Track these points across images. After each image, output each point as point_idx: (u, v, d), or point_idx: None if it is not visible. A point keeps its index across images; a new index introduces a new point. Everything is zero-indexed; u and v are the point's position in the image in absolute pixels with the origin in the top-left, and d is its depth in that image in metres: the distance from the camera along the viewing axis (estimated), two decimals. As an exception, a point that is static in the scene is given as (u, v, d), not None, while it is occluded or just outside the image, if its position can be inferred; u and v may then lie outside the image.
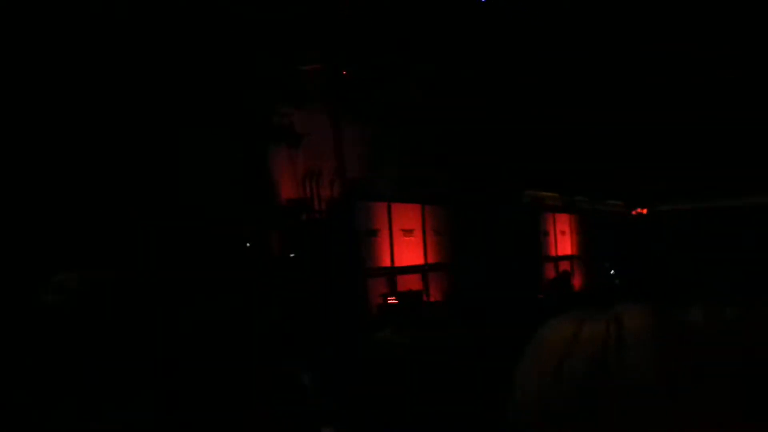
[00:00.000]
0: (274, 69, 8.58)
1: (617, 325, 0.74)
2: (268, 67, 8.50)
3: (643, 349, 0.72)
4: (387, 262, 8.95)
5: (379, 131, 10.01)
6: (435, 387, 2.01)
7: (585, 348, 0.74)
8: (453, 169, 10.46)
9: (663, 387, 0.70)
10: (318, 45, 8.96)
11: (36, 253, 5.17)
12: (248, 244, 7.59)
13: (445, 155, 10.42)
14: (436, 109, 10.55)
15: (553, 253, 12.60)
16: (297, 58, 8.88)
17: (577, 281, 12.46)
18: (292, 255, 7.85)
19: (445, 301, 9.33)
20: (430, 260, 9.73)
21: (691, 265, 12.82)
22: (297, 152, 8.81)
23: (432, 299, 9.13)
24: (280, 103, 8.70)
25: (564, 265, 12.69)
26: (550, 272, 12.18)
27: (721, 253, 12.77)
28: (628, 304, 0.77)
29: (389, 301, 8.32)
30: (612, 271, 13.41)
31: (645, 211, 16.52)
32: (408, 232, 9.32)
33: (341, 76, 9.50)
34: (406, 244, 9.27)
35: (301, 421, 2.35)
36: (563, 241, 13.00)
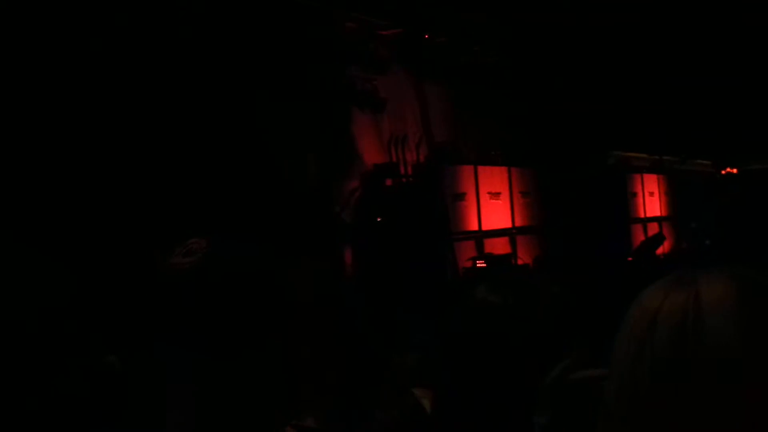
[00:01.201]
0: (354, 35, 8.57)
1: (696, 296, 0.74)
2: (349, 34, 8.49)
3: (719, 319, 0.72)
4: (474, 226, 8.88)
5: (462, 94, 9.93)
6: (530, 349, 1.94)
7: (667, 320, 0.75)
8: (538, 131, 10.33)
9: (740, 354, 0.69)
10: (397, 8, 8.91)
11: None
12: (337, 210, 7.61)
13: (531, 116, 10.29)
14: (519, 70, 10.42)
15: (641, 214, 12.34)
16: (377, 23, 8.85)
17: (666, 243, 12.19)
18: (378, 219, 7.83)
19: (534, 264, 9.22)
20: (518, 223, 9.63)
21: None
22: (381, 117, 8.80)
23: (520, 262, 9.03)
24: (363, 69, 8.70)
25: (653, 227, 12.43)
26: (639, 234, 11.94)
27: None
28: (709, 271, 0.77)
29: (478, 265, 8.26)
30: (701, 233, 13.11)
31: (735, 170, 16.12)
32: (495, 195, 9.23)
33: (422, 40, 9.43)
34: (493, 207, 9.18)
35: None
36: (652, 203, 12.72)
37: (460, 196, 8.71)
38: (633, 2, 9.83)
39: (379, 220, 7.79)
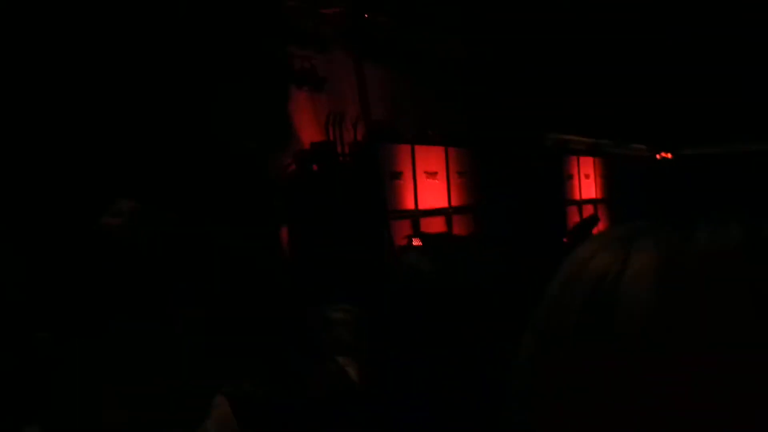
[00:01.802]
0: (294, 13, 8.54)
1: (624, 260, 0.70)
2: (288, 12, 8.46)
3: (634, 289, 0.68)
4: (411, 205, 8.94)
5: (401, 73, 9.97)
6: (460, 314, 1.94)
7: (588, 277, 0.71)
8: (476, 111, 10.40)
9: (643, 330, 0.66)
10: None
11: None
12: (274, 186, 7.61)
13: (469, 97, 10.36)
14: (459, 50, 10.48)
15: (577, 196, 12.54)
16: (317, 1, 8.83)
17: (601, 225, 12.39)
18: (315, 168, 7.86)
19: (469, 240, 9.31)
20: (454, 203, 9.71)
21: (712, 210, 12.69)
22: (319, 96, 8.80)
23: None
24: (301, 47, 8.67)
25: (588, 209, 12.64)
26: (574, 216, 12.13)
27: (747, 198, 12.67)
28: (648, 234, 0.72)
29: (413, 243, 8.30)
30: (636, 216, 13.33)
31: (670, 155, 16.40)
32: (431, 174, 9.30)
33: (363, 19, 9.43)
34: (429, 187, 9.25)
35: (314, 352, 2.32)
36: (587, 185, 12.92)
37: (397, 175, 8.76)
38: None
39: (315, 168, 7.80)
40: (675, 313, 0.66)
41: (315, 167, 8.03)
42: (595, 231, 11.56)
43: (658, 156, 16.46)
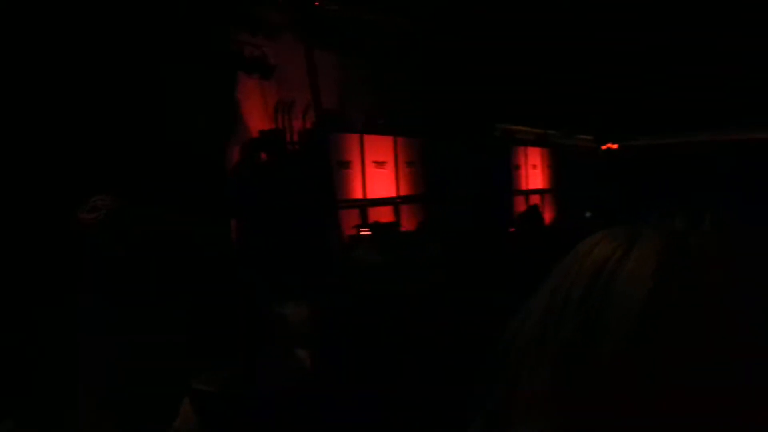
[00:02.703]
0: (244, 1, 8.48)
1: (626, 250, 0.73)
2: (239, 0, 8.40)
3: (631, 279, 0.70)
4: (359, 194, 8.96)
5: (350, 62, 9.95)
6: (408, 305, 2.00)
7: (589, 266, 0.74)
8: (426, 101, 10.44)
9: (637, 321, 0.68)
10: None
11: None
12: (222, 174, 7.57)
13: (418, 87, 10.39)
14: (409, 40, 10.49)
15: (524, 187, 12.66)
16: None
17: (548, 215, 12.54)
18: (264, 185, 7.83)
19: (417, 231, 9.37)
20: (403, 192, 9.75)
21: (660, 200, 12.94)
22: (269, 83, 8.75)
23: (404, 230, 9.16)
24: (252, 34, 8.61)
25: (535, 199, 12.77)
26: (521, 206, 12.25)
27: (693, 187, 12.90)
28: (653, 226, 0.75)
29: (362, 232, 8.35)
30: (582, 205, 13.51)
31: (616, 146, 16.62)
32: (380, 164, 9.32)
33: (313, 6, 9.40)
34: (378, 176, 9.27)
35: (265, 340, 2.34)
36: (534, 175, 13.05)
37: (345, 164, 8.78)
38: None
39: (263, 156, 7.78)
40: (670, 313, 0.68)
41: (263, 155, 8.00)
42: (538, 221, 11.71)
43: (603, 147, 16.67)
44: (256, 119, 8.41)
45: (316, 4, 9.44)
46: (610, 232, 0.77)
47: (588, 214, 13.18)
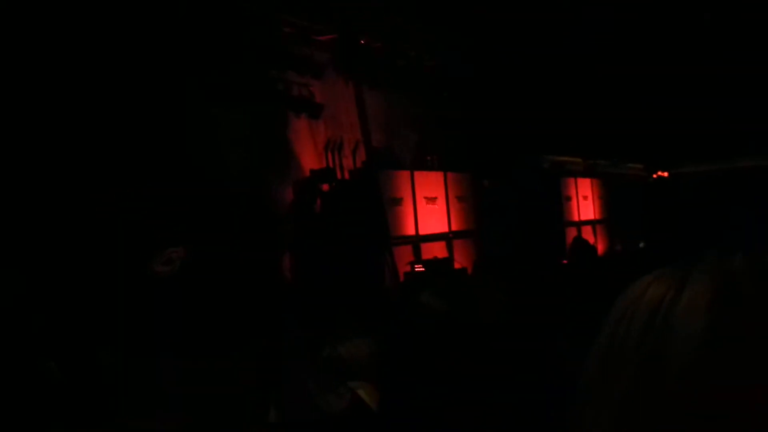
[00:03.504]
0: (290, 40, 8.54)
1: (679, 288, 0.73)
2: (286, 40, 8.46)
3: (688, 316, 0.70)
4: (411, 231, 8.91)
5: (398, 99, 9.97)
6: (477, 354, 2.02)
7: (644, 307, 0.74)
8: (473, 136, 10.41)
9: (697, 358, 0.68)
10: (333, 15, 8.91)
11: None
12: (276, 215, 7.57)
13: (465, 121, 10.37)
14: (456, 75, 10.50)
15: (575, 218, 12.53)
16: (313, 29, 8.83)
17: (600, 246, 12.40)
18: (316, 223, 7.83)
19: (472, 268, 9.29)
20: (454, 227, 9.69)
21: (713, 227, 12.76)
22: (318, 122, 8.79)
23: (458, 266, 9.09)
24: (299, 74, 8.67)
25: (586, 230, 12.63)
26: (573, 237, 12.10)
27: (744, 214, 12.69)
28: (706, 262, 0.75)
29: (416, 269, 8.29)
30: (635, 235, 13.35)
31: (666, 174, 16.45)
32: (431, 199, 9.27)
33: (359, 45, 9.44)
34: (429, 212, 9.23)
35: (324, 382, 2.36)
36: (585, 206, 12.92)
37: (397, 201, 8.73)
38: (567, 9, 9.99)
39: (316, 194, 7.78)
40: (726, 347, 0.68)
41: (316, 194, 8.00)
42: (589, 252, 11.58)
43: (654, 175, 16.51)
44: (307, 158, 8.42)
45: (362, 42, 9.49)
46: (658, 273, 0.76)
47: (642, 245, 13.02)
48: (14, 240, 4.70)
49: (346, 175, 8.57)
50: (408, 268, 8.34)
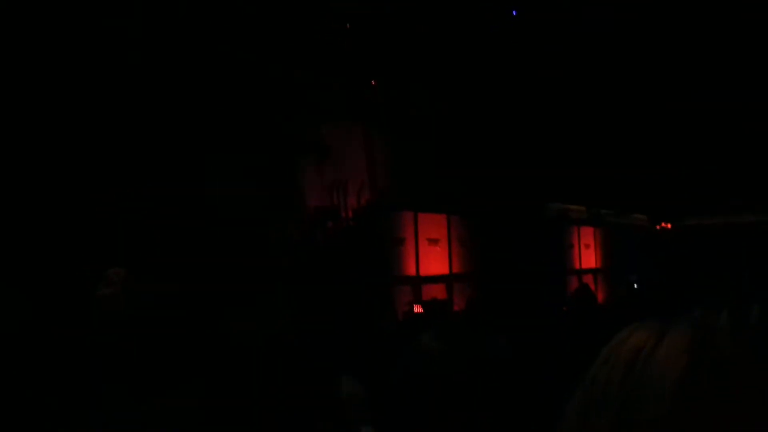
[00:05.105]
0: (303, 85, 8.70)
1: (659, 338, 0.75)
2: (297, 83, 8.62)
3: (662, 367, 0.72)
4: (412, 271, 9.03)
5: (404, 142, 10.10)
6: (482, 394, 2.07)
7: (623, 356, 0.76)
8: (478, 181, 10.51)
9: (670, 411, 0.70)
10: (344, 60, 9.09)
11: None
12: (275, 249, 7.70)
13: (471, 166, 10.48)
14: (461, 120, 10.64)
15: (577, 266, 12.63)
16: (324, 72, 8.99)
17: (600, 294, 12.46)
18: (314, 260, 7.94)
19: (471, 311, 9.36)
20: (455, 270, 9.80)
21: (715, 280, 12.79)
22: (324, 163, 8.92)
23: (457, 308, 9.18)
24: (309, 116, 8.81)
25: (587, 279, 12.70)
26: (574, 285, 12.17)
27: (747, 268, 12.74)
28: (687, 315, 0.77)
29: (415, 310, 8.39)
30: (636, 284, 13.38)
31: (669, 225, 16.48)
32: (433, 241, 9.41)
33: (369, 89, 9.60)
34: (431, 254, 9.35)
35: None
36: (587, 255, 13.03)
37: (400, 241, 8.87)
38: (572, 58, 10.17)
39: (319, 233, 7.87)
40: (696, 400, 0.71)
41: (319, 232, 8.13)
42: (590, 300, 11.60)
43: (657, 226, 16.54)
44: (313, 197, 8.56)
45: (373, 83, 9.64)
46: (641, 325, 0.79)
47: (635, 285, 13.01)
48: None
49: (350, 214, 8.72)
50: (407, 309, 8.45)
